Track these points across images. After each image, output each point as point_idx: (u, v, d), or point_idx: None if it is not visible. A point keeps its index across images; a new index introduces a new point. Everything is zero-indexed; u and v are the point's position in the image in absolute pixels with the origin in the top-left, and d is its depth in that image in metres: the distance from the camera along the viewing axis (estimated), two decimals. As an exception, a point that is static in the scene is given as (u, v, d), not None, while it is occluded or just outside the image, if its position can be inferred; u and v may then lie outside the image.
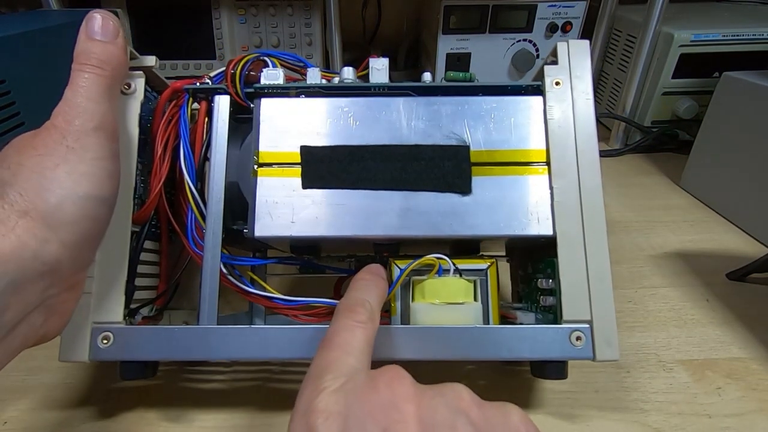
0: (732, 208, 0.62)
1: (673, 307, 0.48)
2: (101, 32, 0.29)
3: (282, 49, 0.84)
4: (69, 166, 0.26)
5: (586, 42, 0.34)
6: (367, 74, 0.36)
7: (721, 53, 0.71)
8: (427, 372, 0.39)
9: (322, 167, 0.32)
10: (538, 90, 0.34)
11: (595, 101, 0.34)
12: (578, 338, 0.30)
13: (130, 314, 0.34)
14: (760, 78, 0.59)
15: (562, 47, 0.34)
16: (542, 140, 0.33)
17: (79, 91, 0.27)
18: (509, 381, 0.40)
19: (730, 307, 0.48)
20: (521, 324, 0.36)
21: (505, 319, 0.36)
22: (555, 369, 0.32)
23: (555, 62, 0.34)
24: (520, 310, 0.39)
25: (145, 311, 0.36)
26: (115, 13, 0.74)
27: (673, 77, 0.74)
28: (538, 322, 0.36)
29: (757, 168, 0.57)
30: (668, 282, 0.52)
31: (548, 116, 0.33)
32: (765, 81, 0.58)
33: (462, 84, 0.35)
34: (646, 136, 0.78)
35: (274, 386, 0.40)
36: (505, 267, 0.42)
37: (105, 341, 0.31)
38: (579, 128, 0.33)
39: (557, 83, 0.33)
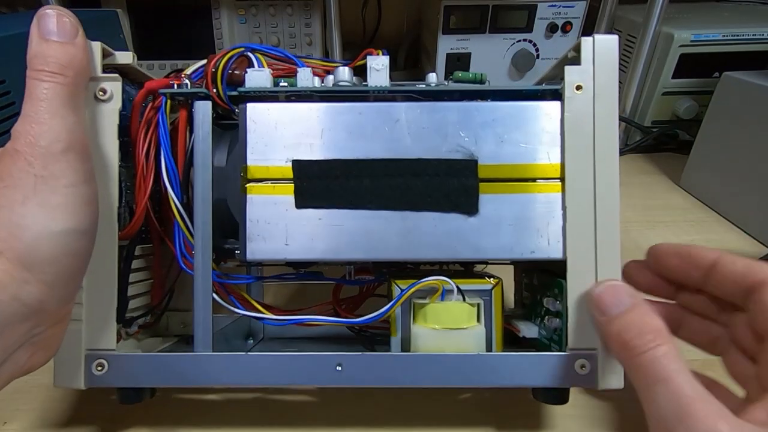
0: (732, 208, 0.60)
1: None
2: (57, 32, 0.24)
3: (282, 49, 0.82)
4: (40, 197, 0.22)
5: (615, 38, 0.28)
6: (364, 66, 0.31)
7: (721, 53, 0.70)
8: (426, 391, 0.38)
9: (316, 184, 0.28)
10: (556, 94, 0.29)
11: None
12: (582, 366, 0.28)
13: (125, 325, 0.32)
14: (760, 78, 0.57)
15: (586, 44, 0.28)
16: (557, 153, 0.29)
17: (40, 105, 0.23)
18: (511, 396, 0.38)
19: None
20: (524, 336, 0.33)
21: (507, 331, 0.34)
22: (557, 395, 0.30)
23: (577, 61, 0.29)
24: (523, 321, 0.36)
25: (141, 320, 0.34)
26: (115, 14, 0.71)
27: (673, 77, 0.72)
28: (540, 336, 0.33)
29: (757, 168, 0.55)
30: (669, 284, 0.50)
31: (566, 126, 0.28)
32: (765, 81, 0.56)
33: (471, 88, 0.31)
34: (646, 136, 0.76)
35: (272, 398, 0.37)
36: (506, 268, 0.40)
37: (99, 368, 0.29)
38: (599, 142, 0.28)
39: (578, 87, 0.28)
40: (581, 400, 0.36)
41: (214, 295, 0.30)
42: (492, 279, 0.30)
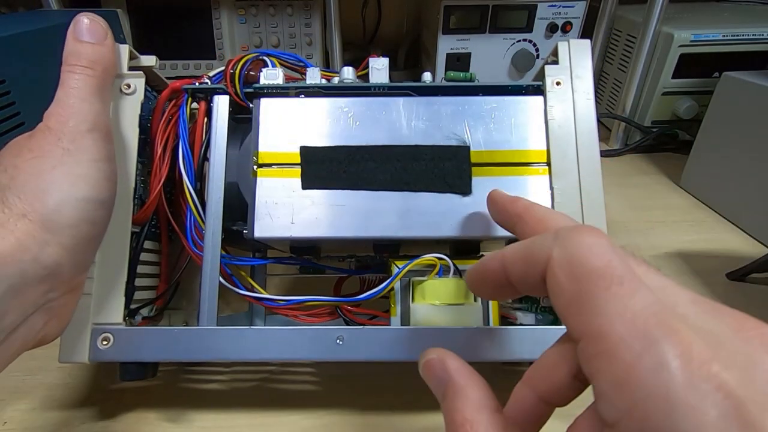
0: (732, 208, 0.62)
1: (673, 307, 0.48)
2: (89, 34, 0.29)
3: (282, 49, 0.84)
4: (66, 168, 0.26)
5: (587, 41, 0.34)
6: (367, 74, 0.36)
7: (721, 53, 0.71)
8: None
9: (321, 168, 0.32)
10: (538, 90, 0.34)
11: (596, 101, 0.34)
12: (579, 338, 0.30)
13: (130, 315, 0.34)
14: (760, 78, 0.58)
15: (562, 47, 0.34)
16: (543, 140, 0.33)
17: (71, 92, 0.27)
18: (508, 381, 0.40)
19: (729, 307, 0.47)
20: (521, 325, 0.36)
21: (505, 319, 0.36)
22: None
23: (556, 62, 0.34)
24: (521, 310, 0.38)
25: (144, 312, 0.36)
26: (115, 13, 0.74)
27: (673, 77, 0.73)
28: (538, 322, 0.36)
29: (757, 168, 0.57)
30: (668, 282, 0.51)
31: (549, 116, 0.33)
32: (765, 81, 0.57)
33: (462, 84, 0.35)
34: (646, 136, 0.78)
35: (274, 386, 0.39)
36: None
37: (105, 342, 0.31)
38: (580, 128, 0.33)
39: (558, 83, 0.33)
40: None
41: (219, 278, 0.33)
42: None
